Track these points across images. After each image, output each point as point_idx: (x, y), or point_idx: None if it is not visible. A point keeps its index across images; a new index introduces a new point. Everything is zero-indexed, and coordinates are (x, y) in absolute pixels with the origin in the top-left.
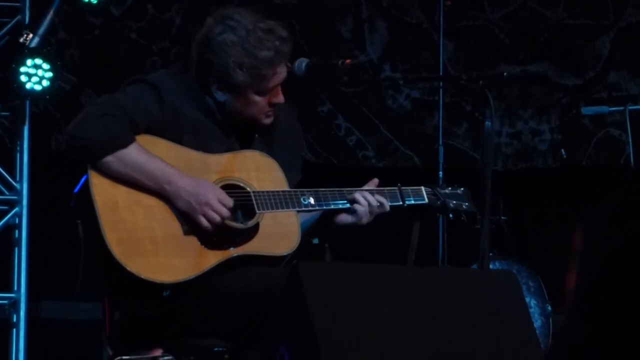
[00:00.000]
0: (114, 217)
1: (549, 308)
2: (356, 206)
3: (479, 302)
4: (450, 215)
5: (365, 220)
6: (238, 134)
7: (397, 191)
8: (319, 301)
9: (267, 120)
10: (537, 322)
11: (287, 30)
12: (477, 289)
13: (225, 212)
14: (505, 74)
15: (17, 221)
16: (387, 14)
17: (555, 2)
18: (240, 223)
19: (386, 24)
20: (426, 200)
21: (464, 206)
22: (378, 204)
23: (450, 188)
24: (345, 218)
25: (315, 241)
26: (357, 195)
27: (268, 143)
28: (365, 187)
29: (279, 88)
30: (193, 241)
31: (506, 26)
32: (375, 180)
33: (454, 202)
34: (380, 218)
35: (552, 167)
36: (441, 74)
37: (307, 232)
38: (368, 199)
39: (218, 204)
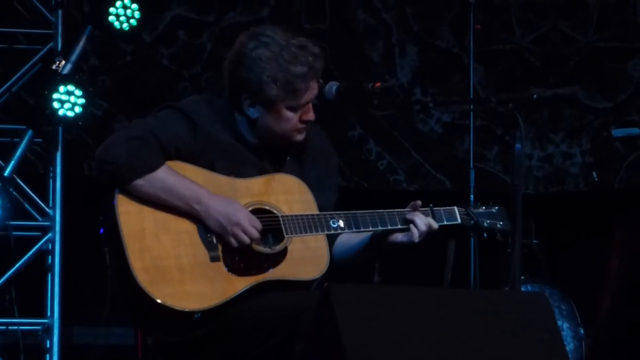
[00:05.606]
0: (140, 245)
1: (582, 331)
2: (413, 226)
3: (510, 324)
4: (485, 235)
5: (416, 239)
6: (270, 156)
7: (429, 212)
8: (350, 323)
9: (299, 137)
10: (570, 346)
11: (318, 47)
12: (508, 310)
13: (255, 234)
14: (535, 95)
15: (50, 247)
16: (418, 39)
17: (586, 25)
18: (269, 248)
19: (416, 48)
20: (459, 221)
21: (498, 225)
22: (428, 225)
23: (484, 207)
24: (398, 237)
25: None
26: (412, 216)
27: (300, 165)
28: (406, 209)
29: (310, 105)
30: (220, 268)
31: (537, 49)
32: (418, 203)
33: (488, 221)
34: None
35: (583, 191)
36: (471, 97)
37: (358, 253)
38: (422, 220)
39: (249, 225)
